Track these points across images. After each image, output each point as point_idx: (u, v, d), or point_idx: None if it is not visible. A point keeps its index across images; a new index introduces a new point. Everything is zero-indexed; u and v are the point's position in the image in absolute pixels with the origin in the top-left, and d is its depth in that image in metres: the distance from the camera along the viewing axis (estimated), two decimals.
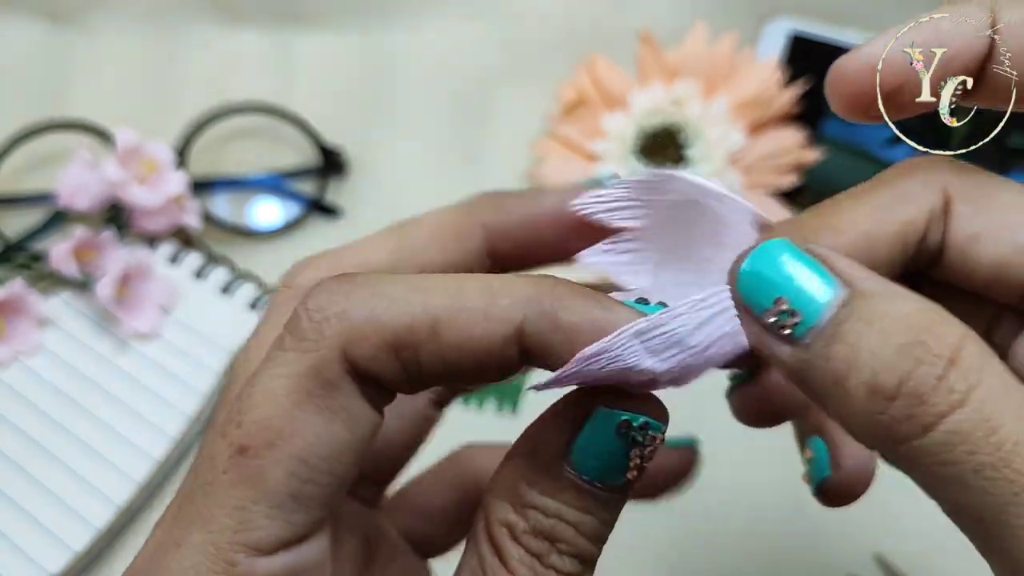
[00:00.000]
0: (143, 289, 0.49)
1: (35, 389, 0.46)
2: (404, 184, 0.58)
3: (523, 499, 0.21)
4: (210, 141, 0.56)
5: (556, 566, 0.20)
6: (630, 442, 0.20)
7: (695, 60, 0.55)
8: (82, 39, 0.61)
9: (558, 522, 0.20)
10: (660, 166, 0.54)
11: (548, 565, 0.20)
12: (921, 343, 0.18)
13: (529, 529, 0.20)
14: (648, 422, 0.20)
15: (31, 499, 0.43)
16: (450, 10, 0.62)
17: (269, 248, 0.54)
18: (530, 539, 0.20)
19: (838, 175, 0.54)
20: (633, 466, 0.20)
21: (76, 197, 0.50)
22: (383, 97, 0.61)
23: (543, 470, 0.21)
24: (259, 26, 0.62)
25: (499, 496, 0.21)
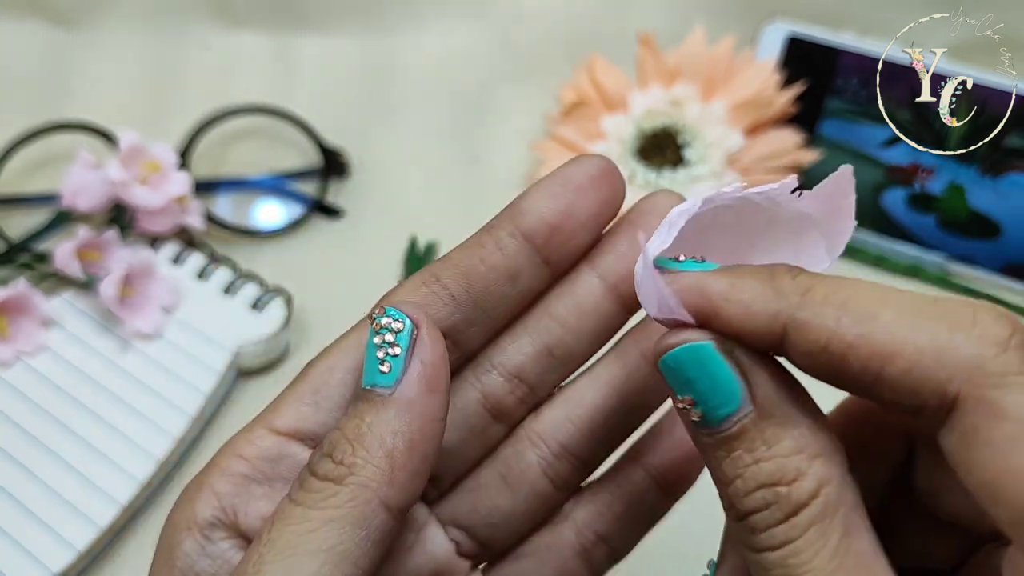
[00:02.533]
0: (146, 289, 0.49)
1: (38, 388, 0.46)
2: (405, 184, 0.58)
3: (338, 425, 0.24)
4: (212, 142, 0.56)
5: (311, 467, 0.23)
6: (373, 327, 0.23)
7: (694, 62, 0.55)
8: (85, 41, 0.61)
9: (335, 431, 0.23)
10: (659, 167, 0.54)
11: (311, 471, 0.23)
12: (774, 490, 0.20)
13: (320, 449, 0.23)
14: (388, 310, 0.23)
15: (33, 498, 0.43)
16: (450, 11, 0.62)
17: (271, 248, 0.55)
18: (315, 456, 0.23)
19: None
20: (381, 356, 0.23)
21: (79, 198, 0.50)
22: (384, 98, 0.61)
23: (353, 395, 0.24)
24: (261, 28, 0.62)
25: None
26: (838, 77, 0.53)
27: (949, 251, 0.53)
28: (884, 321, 0.19)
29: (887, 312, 0.19)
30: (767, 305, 0.20)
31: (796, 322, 0.20)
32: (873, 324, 0.19)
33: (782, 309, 0.20)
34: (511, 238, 0.25)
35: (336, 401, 0.24)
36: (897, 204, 0.54)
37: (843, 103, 0.54)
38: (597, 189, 0.25)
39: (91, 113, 0.55)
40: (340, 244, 0.55)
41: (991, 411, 0.18)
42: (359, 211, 0.56)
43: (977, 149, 0.49)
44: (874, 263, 0.55)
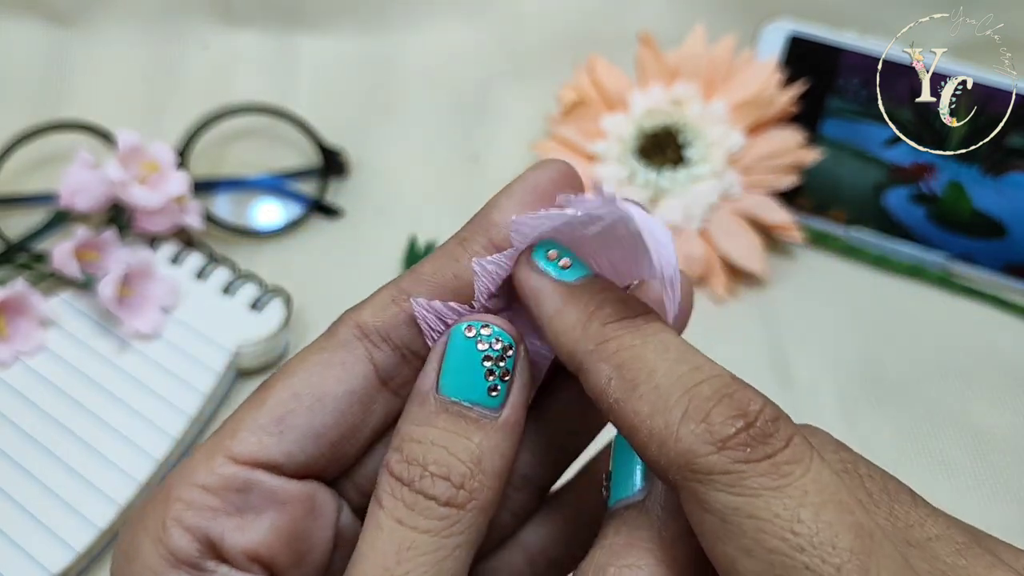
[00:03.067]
0: (144, 289, 0.49)
1: (36, 389, 0.46)
2: (405, 184, 0.58)
3: (398, 434, 0.22)
4: (211, 142, 0.56)
5: (425, 490, 0.22)
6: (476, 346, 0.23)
7: (694, 61, 0.55)
8: (84, 40, 0.61)
9: (430, 446, 0.22)
10: (659, 167, 0.54)
11: (417, 490, 0.22)
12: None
13: (402, 459, 0.22)
14: (494, 329, 0.23)
15: (32, 498, 0.43)
16: (450, 11, 0.62)
17: (270, 248, 0.55)
18: (402, 467, 0.22)
19: (837, 176, 0.55)
20: (488, 375, 0.22)
21: (77, 197, 0.50)
22: (384, 98, 0.61)
23: (418, 404, 0.23)
24: (260, 27, 0.62)
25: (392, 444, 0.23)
26: (839, 76, 0.53)
27: (951, 250, 0.53)
28: (639, 394, 0.20)
29: (647, 384, 0.20)
30: (570, 342, 0.22)
31: (582, 368, 0.21)
32: (630, 395, 0.20)
33: (578, 351, 0.21)
34: (484, 251, 0.24)
35: (304, 431, 0.23)
36: (899, 203, 0.54)
37: (844, 102, 0.53)
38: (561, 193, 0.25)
39: (90, 113, 0.55)
40: (340, 244, 0.55)
41: (697, 504, 0.19)
42: (359, 211, 0.56)
43: (978, 149, 0.49)
44: (875, 263, 0.54)
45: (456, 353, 0.23)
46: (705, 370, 0.20)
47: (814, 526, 0.18)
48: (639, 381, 0.20)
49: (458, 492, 0.22)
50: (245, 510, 0.23)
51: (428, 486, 0.22)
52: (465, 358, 0.22)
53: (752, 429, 0.19)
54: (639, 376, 0.20)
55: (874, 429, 0.48)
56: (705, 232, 0.53)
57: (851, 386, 0.49)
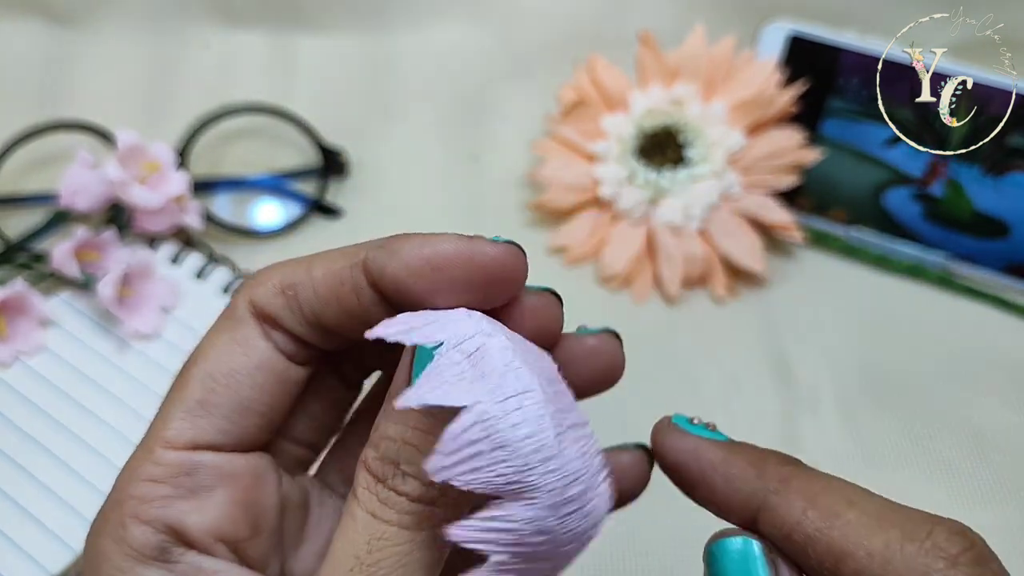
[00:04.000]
0: (144, 289, 0.49)
1: (36, 389, 0.46)
2: (404, 184, 0.58)
3: (375, 432, 0.23)
4: (211, 141, 0.56)
5: (397, 487, 0.22)
6: None
7: (694, 61, 0.55)
8: (83, 40, 0.61)
9: (403, 445, 0.22)
10: (659, 167, 0.54)
11: (389, 487, 0.22)
12: None
13: (378, 456, 0.23)
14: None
15: (32, 499, 0.43)
16: (450, 11, 0.62)
17: (270, 248, 0.55)
18: (378, 465, 0.23)
19: (837, 176, 0.55)
20: None
21: (77, 197, 0.50)
22: (384, 97, 0.61)
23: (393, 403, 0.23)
24: (260, 27, 0.62)
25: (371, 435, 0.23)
26: (839, 76, 0.53)
27: (952, 250, 0.53)
28: (845, 521, 0.20)
29: (850, 513, 0.21)
30: (748, 483, 0.22)
31: (768, 505, 0.22)
32: (834, 522, 0.21)
33: (758, 491, 0.22)
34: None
35: (229, 408, 0.25)
36: (899, 203, 0.53)
37: (844, 102, 0.53)
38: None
39: (90, 112, 0.55)
40: (340, 244, 0.55)
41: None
42: (359, 211, 0.56)
43: (979, 149, 0.49)
44: (875, 263, 0.54)
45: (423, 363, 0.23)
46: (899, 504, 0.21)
47: None
48: (840, 511, 0.21)
49: (427, 489, 0.22)
50: (197, 490, 0.24)
51: (400, 483, 0.22)
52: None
53: (976, 549, 0.20)
54: (839, 507, 0.21)
55: (874, 429, 0.48)
56: (705, 232, 0.53)
57: (851, 386, 0.49)
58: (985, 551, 0.20)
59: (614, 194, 0.54)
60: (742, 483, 0.22)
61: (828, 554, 0.20)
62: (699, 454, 0.23)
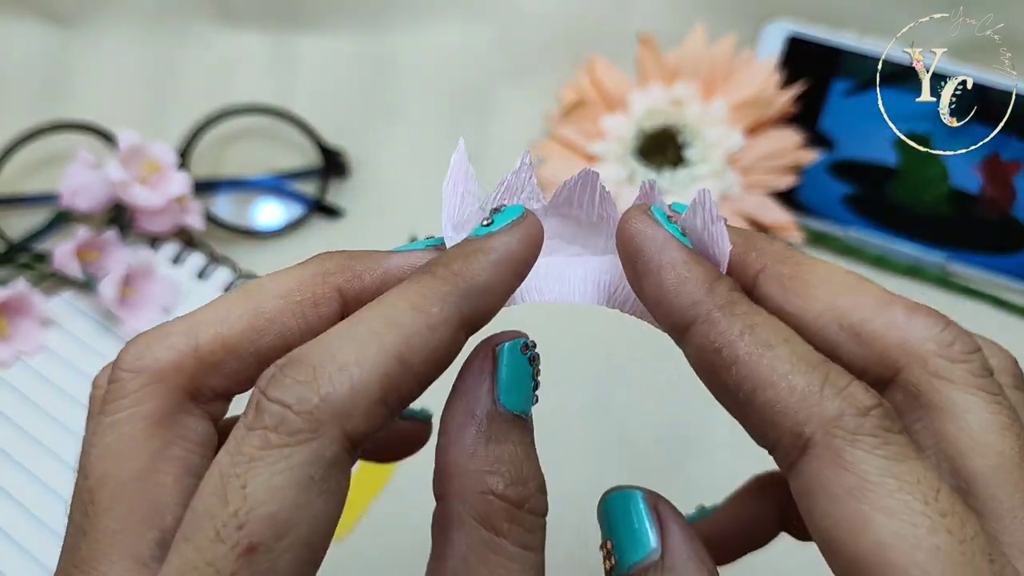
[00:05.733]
0: (145, 289, 0.49)
1: (37, 389, 0.46)
2: (405, 185, 0.58)
3: (489, 457, 0.22)
4: (212, 142, 0.56)
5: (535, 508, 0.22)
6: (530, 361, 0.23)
7: (694, 61, 0.55)
8: (85, 40, 0.61)
9: (523, 462, 0.22)
10: (659, 167, 0.54)
11: (529, 510, 0.22)
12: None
13: (509, 480, 0.22)
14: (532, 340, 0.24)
15: (33, 498, 0.43)
16: (450, 11, 0.62)
17: (271, 249, 0.55)
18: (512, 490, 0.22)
19: (837, 176, 0.55)
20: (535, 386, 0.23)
21: (79, 198, 0.50)
22: (384, 98, 0.61)
23: (489, 424, 0.22)
24: (261, 27, 0.62)
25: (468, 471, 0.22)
26: (839, 77, 0.53)
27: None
28: (776, 354, 0.21)
29: (783, 348, 0.21)
30: (696, 292, 0.22)
31: (708, 318, 0.22)
32: (766, 351, 0.21)
33: (704, 302, 0.22)
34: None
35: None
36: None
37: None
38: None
39: (91, 113, 0.55)
40: (340, 244, 0.54)
41: (836, 460, 0.19)
42: (359, 211, 0.56)
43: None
44: (874, 263, 0.55)
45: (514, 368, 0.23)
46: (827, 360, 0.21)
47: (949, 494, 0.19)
48: (775, 343, 0.21)
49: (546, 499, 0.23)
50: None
51: (537, 504, 0.22)
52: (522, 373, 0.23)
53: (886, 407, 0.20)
54: (774, 339, 0.21)
55: None
56: None
57: None
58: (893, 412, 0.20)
59: (614, 194, 0.54)
60: (693, 290, 0.22)
61: (749, 378, 0.21)
62: (664, 247, 0.23)
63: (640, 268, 0.23)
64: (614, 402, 0.49)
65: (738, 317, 0.21)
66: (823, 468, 0.19)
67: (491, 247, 0.23)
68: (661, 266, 0.22)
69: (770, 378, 0.20)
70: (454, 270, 0.22)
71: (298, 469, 0.19)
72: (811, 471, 0.20)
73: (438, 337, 0.21)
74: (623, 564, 0.23)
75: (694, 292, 0.22)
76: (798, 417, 0.20)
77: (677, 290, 0.22)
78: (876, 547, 0.18)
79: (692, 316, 0.22)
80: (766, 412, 0.20)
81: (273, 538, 0.19)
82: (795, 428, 0.20)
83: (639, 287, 0.23)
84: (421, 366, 0.21)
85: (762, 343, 0.21)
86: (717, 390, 0.22)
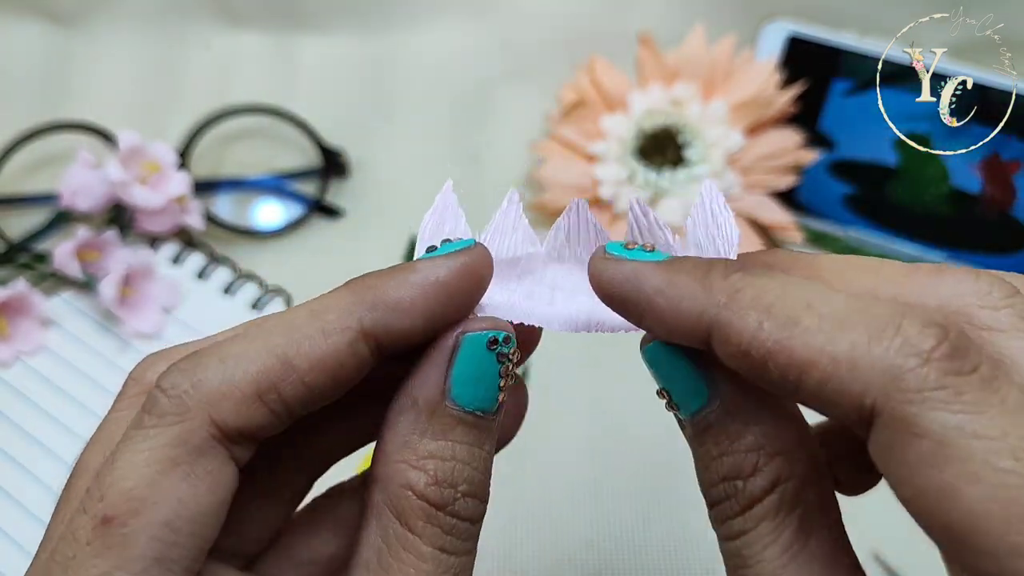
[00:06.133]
0: (145, 289, 0.49)
1: (37, 388, 0.46)
2: (404, 185, 0.58)
3: (418, 451, 0.21)
4: (212, 142, 0.56)
5: (459, 512, 0.21)
6: (498, 358, 0.22)
7: (694, 61, 0.55)
8: (85, 41, 0.61)
9: (455, 464, 0.21)
10: (659, 167, 0.54)
11: (452, 513, 0.21)
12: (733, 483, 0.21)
13: (432, 480, 0.21)
14: (508, 336, 0.22)
15: (33, 498, 0.43)
16: (450, 12, 0.62)
17: (271, 248, 0.55)
18: (433, 490, 0.21)
19: (836, 176, 0.55)
20: (503, 385, 0.22)
21: (78, 198, 0.50)
22: (384, 98, 0.61)
23: (429, 415, 0.21)
24: (261, 28, 0.62)
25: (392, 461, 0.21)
26: (838, 77, 0.53)
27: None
28: (804, 328, 0.18)
29: (809, 318, 0.18)
30: (695, 302, 0.20)
31: (719, 323, 0.20)
32: (793, 330, 0.18)
33: (708, 309, 0.20)
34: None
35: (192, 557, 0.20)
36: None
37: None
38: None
39: (91, 113, 0.55)
40: (340, 244, 0.55)
41: (907, 428, 0.17)
42: (359, 211, 0.56)
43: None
44: None
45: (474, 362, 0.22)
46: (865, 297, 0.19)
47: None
48: (799, 316, 0.18)
49: (481, 506, 0.22)
50: None
51: (463, 508, 0.21)
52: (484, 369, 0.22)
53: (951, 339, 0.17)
54: (796, 312, 0.19)
55: None
56: None
57: None
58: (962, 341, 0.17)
59: (614, 194, 0.54)
60: (689, 303, 0.20)
61: (791, 367, 0.18)
62: (639, 280, 0.21)
63: (633, 312, 0.21)
64: (614, 402, 0.49)
65: (748, 307, 0.19)
66: (895, 438, 0.17)
67: (415, 268, 0.22)
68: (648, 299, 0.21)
69: (808, 357, 0.18)
70: (367, 283, 0.22)
71: (160, 450, 0.20)
72: (884, 441, 0.18)
73: (330, 343, 0.21)
74: (685, 411, 0.22)
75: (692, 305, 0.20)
76: (853, 390, 0.18)
77: (676, 311, 0.20)
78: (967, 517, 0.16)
79: (705, 327, 0.20)
80: (820, 394, 0.18)
81: (128, 512, 0.19)
82: (854, 402, 0.18)
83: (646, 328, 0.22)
84: (308, 371, 0.21)
85: (785, 323, 0.19)
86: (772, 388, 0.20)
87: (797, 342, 0.18)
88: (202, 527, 0.20)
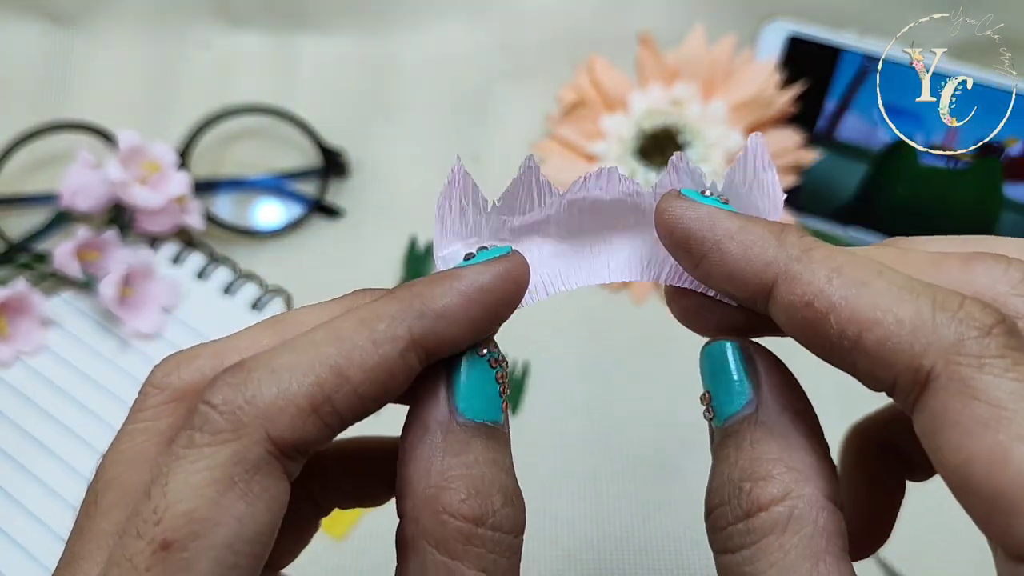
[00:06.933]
0: (145, 289, 0.49)
1: (37, 388, 0.46)
2: (405, 184, 0.58)
3: (444, 471, 0.21)
4: (212, 142, 0.56)
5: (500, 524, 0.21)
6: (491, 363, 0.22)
7: (694, 61, 0.55)
8: (85, 40, 0.61)
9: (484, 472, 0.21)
10: (659, 167, 0.54)
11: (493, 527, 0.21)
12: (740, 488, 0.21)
13: (465, 494, 0.21)
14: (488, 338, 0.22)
15: (33, 498, 0.43)
16: (450, 11, 0.62)
17: (271, 248, 0.55)
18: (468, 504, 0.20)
19: (835, 176, 0.55)
20: (502, 392, 0.22)
21: (79, 198, 0.50)
22: (384, 98, 0.61)
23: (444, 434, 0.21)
24: (261, 27, 0.62)
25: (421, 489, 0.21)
26: (838, 77, 0.53)
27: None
28: (872, 289, 0.19)
29: (878, 282, 0.19)
30: (766, 252, 0.21)
31: (789, 274, 0.20)
32: (861, 290, 0.19)
33: (779, 259, 0.20)
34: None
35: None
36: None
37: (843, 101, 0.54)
38: None
39: (91, 113, 0.55)
40: (340, 244, 0.55)
41: (964, 390, 0.18)
42: (359, 211, 0.56)
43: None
44: None
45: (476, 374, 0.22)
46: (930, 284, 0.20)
47: None
48: (868, 279, 0.19)
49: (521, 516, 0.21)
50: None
51: (504, 519, 0.21)
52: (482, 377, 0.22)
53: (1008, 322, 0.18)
54: (866, 275, 0.20)
55: None
56: None
57: (851, 385, 0.49)
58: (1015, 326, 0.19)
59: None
60: (761, 250, 0.21)
61: (853, 322, 0.19)
62: (713, 221, 0.21)
63: (695, 251, 0.22)
64: (614, 402, 0.49)
65: (820, 263, 0.20)
66: (950, 400, 0.18)
67: (459, 275, 0.22)
68: (718, 240, 0.21)
69: (873, 316, 0.19)
70: (414, 291, 0.21)
71: (218, 469, 0.19)
72: (937, 405, 0.18)
73: (381, 353, 0.20)
74: (720, 416, 0.22)
75: (763, 252, 0.21)
76: (914, 350, 0.18)
77: (745, 257, 0.21)
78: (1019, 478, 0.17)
79: (771, 277, 0.21)
80: (877, 352, 0.19)
81: (188, 536, 0.19)
82: (912, 363, 0.18)
83: (702, 271, 0.22)
84: (361, 381, 0.20)
85: (854, 282, 0.19)
86: (817, 345, 0.20)
87: (864, 301, 0.19)
88: (260, 546, 0.20)
